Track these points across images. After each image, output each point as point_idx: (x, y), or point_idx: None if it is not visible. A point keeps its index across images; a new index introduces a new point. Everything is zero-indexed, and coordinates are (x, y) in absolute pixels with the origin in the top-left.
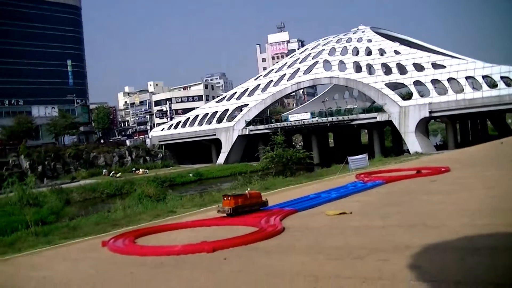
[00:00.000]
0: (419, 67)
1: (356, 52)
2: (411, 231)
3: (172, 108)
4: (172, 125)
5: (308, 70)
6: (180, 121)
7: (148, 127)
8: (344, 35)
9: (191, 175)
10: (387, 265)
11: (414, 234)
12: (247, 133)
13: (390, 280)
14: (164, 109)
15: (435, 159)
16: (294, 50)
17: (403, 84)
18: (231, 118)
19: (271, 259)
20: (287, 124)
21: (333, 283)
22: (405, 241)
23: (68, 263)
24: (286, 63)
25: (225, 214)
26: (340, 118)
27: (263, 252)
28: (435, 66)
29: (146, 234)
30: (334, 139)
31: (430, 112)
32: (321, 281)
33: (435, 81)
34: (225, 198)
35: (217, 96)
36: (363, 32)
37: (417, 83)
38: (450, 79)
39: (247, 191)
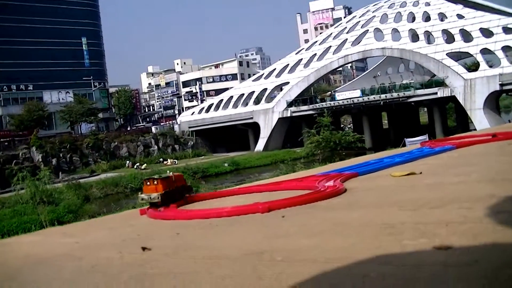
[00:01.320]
0: (487, 33)
1: (412, 18)
2: (492, 184)
3: (203, 89)
4: (203, 108)
5: (357, 41)
6: (212, 104)
7: (176, 112)
8: None
9: (226, 164)
10: (471, 212)
11: (497, 187)
12: (288, 115)
13: (476, 223)
14: (194, 91)
15: None
16: (340, 19)
17: (467, 53)
18: (270, 98)
19: (336, 213)
20: (334, 103)
21: (411, 228)
22: (488, 192)
23: (104, 231)
24: (331, 34)
25: (150, 204)
26: (395, 95)
27: (326, 209)
28: (507, 30)
29: (190, 202)
30: (389, 120)
31: (501, 85)
32: (397, 227)
33: (506, 48)
34: (149, 183)
35: (254, 74)
36: None
37: (484, 51)
38: None
39: (170, 173)
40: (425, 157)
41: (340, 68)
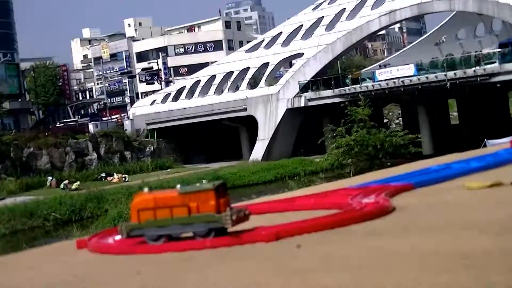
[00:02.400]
0: None
1: None
2: None
3: (169, 64)
4: (169, 95)
5: None
6: (183, 88)
7: (127, 100)
8: None
9: (205, 182)
10: None
11: None
12: (302, 104)
13: None
14: (155, 67)
15: None
16: None
17: None
18: (274, 79)
19: (379, 240)
20: (373, 86)
21: (498, 258)
22: None
23: (23, 272)
24: None
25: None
26: (470, 72)
27: (363, 234)
28: None
29: None
30: (459, 111)
31: None
32: (478, 258)
33: None
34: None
35: (248, 42)
36: None
37: None
38: None
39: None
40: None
41: (383, 32)
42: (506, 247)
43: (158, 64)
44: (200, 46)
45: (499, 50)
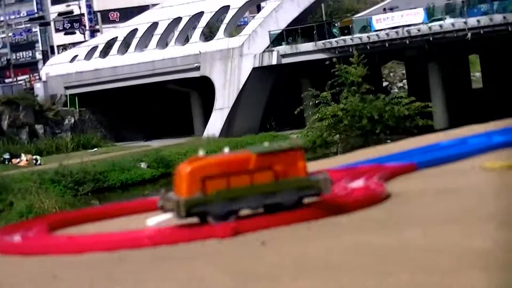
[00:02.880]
0: None
1: None
2: None
3: (95, 7)
4: (94, 49)
5: None
6: (115, 39)
7: (39, 56)
8: None
9: (143, 165)
10: None
11: None
12: (273, 61)
13: None
14: (76, 11)
15: None
16: None
17: None
18: (236, 28)
19: (367, 235)
20: (368, 38)
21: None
22: None
23: None
24: None
25: (156, 224)
26: (499, 18)
27: (347, 228)
28: None
29: (66, 224)
30: (484, 71)
31: None
32: (494, 256)
33: None
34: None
35: None
36: None
37: None
38: None
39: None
40: None
41: None
42: None
43: (80, 8)
44: None
45: None
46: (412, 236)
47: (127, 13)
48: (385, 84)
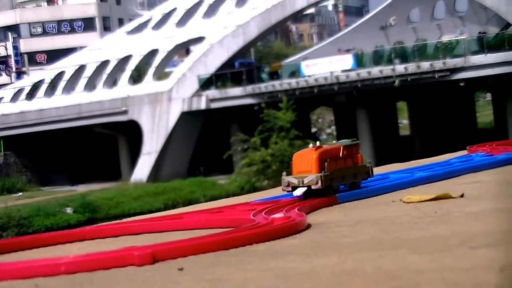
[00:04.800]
0: None
1: None
2: None
3: (22, 49)
4: (20, 91)
5: None
6: (42, 82)
7: None
8: None
9: (69, 210)
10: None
11: None
12: (202, 106)
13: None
14: (2, 53)
15: None
16: None
17: None
18: (164, 71)
19: (286, 261)
20: (298, 83)
21: (432, 278)
22: None
23: None
24: None
25: (302, 194)
26: (426, 66)
27: (266, 255)
28: None
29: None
30: (412, 117)
31: None
32: (408, 279)
33: None
34: (301, 158)
35: (130, 20)
36: None
37: None
38: None
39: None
40: (476, 170)
41: (312, 10)
42: (439, 266)
43: (6, 48)
44: (65, 25)
45: (464, 35)
46: (328, 261)
47: (55, 55)
48: (313, 130)
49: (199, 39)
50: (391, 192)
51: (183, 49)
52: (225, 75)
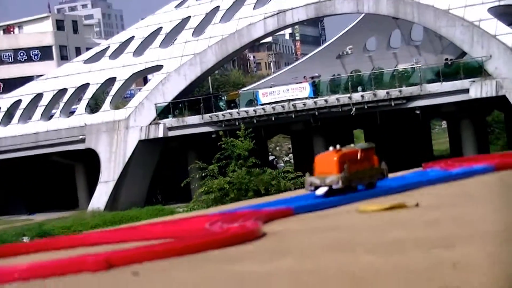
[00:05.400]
0: None
1: None
2: None
3: None
4: None
5: None
6: None
7: None
8: None
9: (25, 239)
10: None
11: None
12: (160, 134)
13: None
14: None
15: None
16: None
17: None
18: (123, 100)
19: (240, 265)
20: (255, 112)
21: (388, 274)
22: None
23: None
24: None
25: (323, 192)
26: (382, 94)
27: (222, 260)
28: None
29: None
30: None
31: None
32: (366, 275)
33: None
34: (323, 159)
35: (88, 49)
36: None
37: None
38: None
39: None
40: (431, 184)
41: (269, 39)
42: (395, 265)
43: None
44: (22, 54)
45: (420, 64)
46: (285, 263)
47: (11, 84)
48: (271, 158)
49: (157, 68)
50: (347, 204)
51: (141, 77)
52: (183, 103)
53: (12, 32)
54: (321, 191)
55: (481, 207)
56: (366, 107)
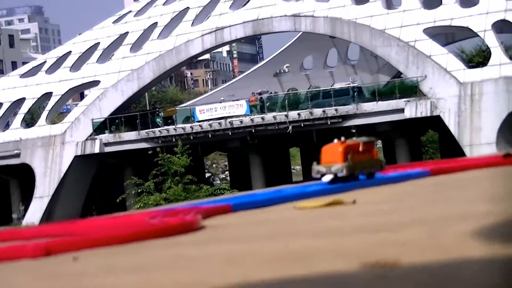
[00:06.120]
0: None
1: None
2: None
3: None
4: None
5: (241, 1)
6: None
7: None
8: None
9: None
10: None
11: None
12: (96, 150)
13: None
14: None
15: None
16: None
17: (467, 29)
18: (59, 115)
19: (177, 250)
20: (192, 129)
21: (327, 251)
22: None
23: None
24: None
25: (329, 180)
26: (318, 113)
27: (156, 246)
28: None
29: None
30: (304, 164)
31: None
32: (304, 252)
33: None
34: (329, 149)
35: (24, 63)
36: None
37: (501, 26)
38: None
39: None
40: (367, 187)
41: (207, 56)
42: (335, 246)
43: None
44: None
45: (356, 83)
46: (221, 248)
47: None
48: (207, 175)
49: (94, 83)
50: (286, 203)
51: (78, 92)
52: (120, 119)
53: None
54: (327, 178)
55: (415, 202)
56: (302, 125)
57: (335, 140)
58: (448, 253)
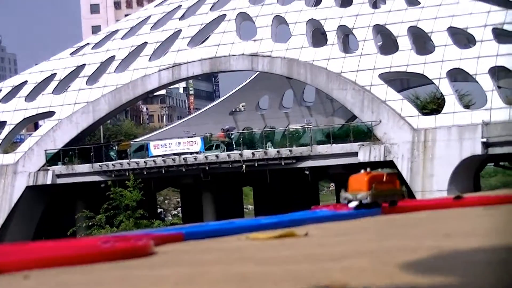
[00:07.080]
0: (462, 39)
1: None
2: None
3: None
4: None
5: (200, 38)
6: None
7: None
8: None
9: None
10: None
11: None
12: (48, 181)
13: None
14: None
15: None
16: None
17: (422, 76)
18: (11, 144)
19: (127, 272)
20: (145, 163)
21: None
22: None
23: None
24: (149, 17)
25: (355, 205)
26: (273, 153)
27: (107, 268)
28: (503, 35)
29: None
30: (257, 204)
31: (486, 144)
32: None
33: (499, 71)
34: (356, 179)
35: None
36: None
37: (455, 74)
38: None
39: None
40: (320, 221)
41: (163, 91)
42: (286, 270)
43: None
44: None
45: (312, 124)
46: (173, 270)
47: None
48: (159, 210)
49: (49, 114)
50: (239, 234)
51: (32, 123)
52: (73, 150)
53: None
54: (353, 204)
55: (364, 236)
56: (256, 164)
57: (362, 171)
58: (392, 279)
